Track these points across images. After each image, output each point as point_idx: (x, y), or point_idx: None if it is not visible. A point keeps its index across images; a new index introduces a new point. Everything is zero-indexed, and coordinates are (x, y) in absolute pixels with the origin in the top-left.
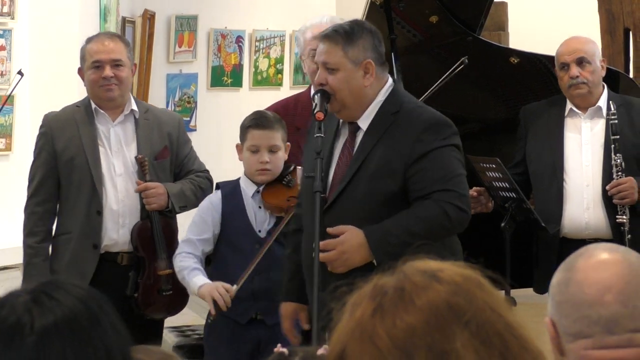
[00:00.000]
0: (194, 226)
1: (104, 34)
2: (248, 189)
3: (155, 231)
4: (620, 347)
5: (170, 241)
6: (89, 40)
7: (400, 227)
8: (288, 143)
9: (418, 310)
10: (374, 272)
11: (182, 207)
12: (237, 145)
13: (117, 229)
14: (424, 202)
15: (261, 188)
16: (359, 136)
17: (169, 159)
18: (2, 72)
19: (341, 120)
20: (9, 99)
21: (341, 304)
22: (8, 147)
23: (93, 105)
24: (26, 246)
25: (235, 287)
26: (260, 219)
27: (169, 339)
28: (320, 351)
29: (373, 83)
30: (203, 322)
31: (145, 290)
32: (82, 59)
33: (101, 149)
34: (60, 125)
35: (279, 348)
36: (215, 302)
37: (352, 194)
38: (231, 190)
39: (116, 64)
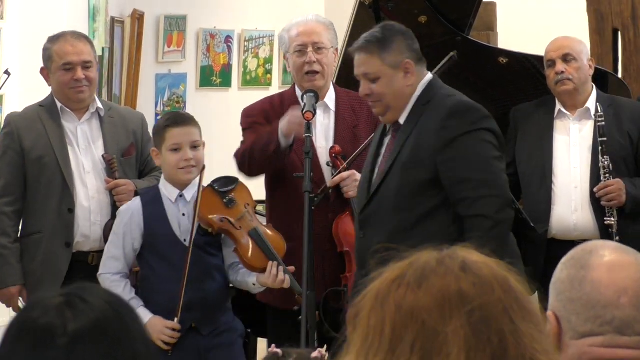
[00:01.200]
0: (116, 240)
1: (70, 33)
2: (170, 194)
3: None
4: (629, 348)
5: None
6: (54, 40)
7: None
8: (203, 141)
9: (429, 289)
10: None
11: None
12: (152, 151)
13: (89, 227)
14: (466, 225)
15: (185, 192)
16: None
17: (134, 156)
18: None
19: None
20: None
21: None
22: None
23: (59, 105)
24: None
25: (176, 319)
26: (184, 228)
27: None
28: (314, 354)
29: (414, 82)
30: None
31: None
32: (49, 59)
33: (69, 147)
34: (26, 125)
35: (273, 348)
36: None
37: (387, 187)
38: (152, 197)
39: (86, 65)
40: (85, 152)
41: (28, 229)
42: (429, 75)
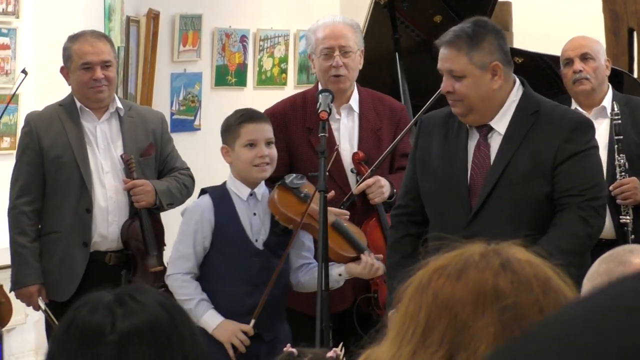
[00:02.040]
0: (186, 238)
1: (89, 33)
2: (240, 192)
3: (145, 228)
4: None
5: (160, 238)
6: (74, 39)
7: (552, 247)
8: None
9: (467, 282)
10: None
11: (169, 204)
12: (222, 148)
13: (107, 227)
14: (564, 216)
15: (256, 190)
16: (494, 139)
17: (153, 156)
18: (6, 71)
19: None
20: (14, 97)
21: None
22: (13, 146)
23: (78, 104)
24: (18, 245)
25: (252, 322)
26: (256, 227)
27: None
28: (329, 354)
29: (502, 85)
30: None
31: None
32: (68, 58)
33: (88, 147)
34: (45, 124)
35: (289, 347)
36: (234, 346)
37: (500, 200)
38: (221, 195)
39: (106, 64)
40: (104, 152)
41: (46, 228)
42: (519, 80)
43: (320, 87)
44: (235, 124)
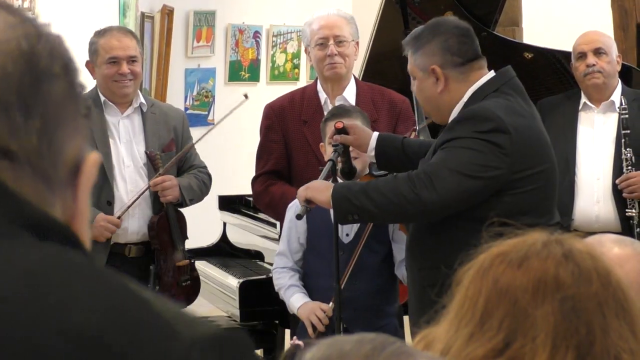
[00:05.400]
0: (284, 236)
1: (116, 28)
2: None
3: (172, 223)
4: None
5: (184, 232)
6: (100, 34)
7: (362, 186)
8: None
9: (528, 269)
10: None
11: (191, 199)
12: (320, 146)
13: (127, 219)
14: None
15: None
16: None
17: (174, 151)
18: None
19: None
20: None
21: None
22: None
23: (102, 98)
24: None
25: (331, 304)
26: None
27: None
28: None
29: (451, 87)
30: (220, 313)
31: (166, 283)
32: (95, 53)
33: (111, 141)
34: None
35: (295, 340)
36: (314, 325)
37: None
38: None
39: (132, 59)
40: (126, 146)
41: None
42: (486, 78)
43: (318, 83)
44: (324, 122)
